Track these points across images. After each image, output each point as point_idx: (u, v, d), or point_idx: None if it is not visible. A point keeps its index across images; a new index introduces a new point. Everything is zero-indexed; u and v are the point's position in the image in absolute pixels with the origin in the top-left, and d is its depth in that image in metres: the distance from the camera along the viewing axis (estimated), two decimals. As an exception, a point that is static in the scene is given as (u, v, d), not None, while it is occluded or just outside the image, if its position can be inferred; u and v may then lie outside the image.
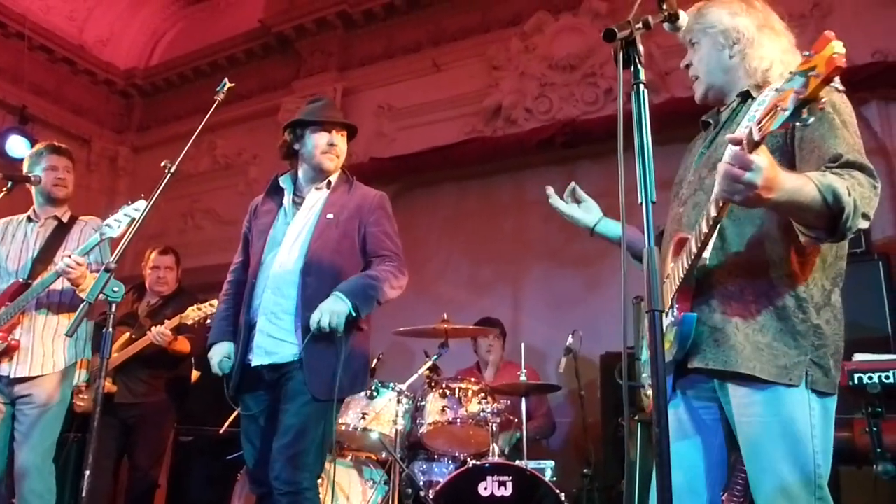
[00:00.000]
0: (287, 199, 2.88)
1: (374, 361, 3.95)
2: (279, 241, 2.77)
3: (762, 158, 1.39)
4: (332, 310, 2.55)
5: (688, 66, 1.97)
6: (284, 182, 2.93)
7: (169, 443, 4.58)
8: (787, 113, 1.27)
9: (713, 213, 1.56)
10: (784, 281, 1.68)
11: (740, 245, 1.73)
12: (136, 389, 4.02)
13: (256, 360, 2.67)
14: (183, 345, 4.05)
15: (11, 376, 3.17)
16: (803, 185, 1.48)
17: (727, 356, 1.67)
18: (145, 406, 4.03)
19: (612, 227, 2.20)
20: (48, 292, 3.24)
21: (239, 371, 2.71)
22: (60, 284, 3.23)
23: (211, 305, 3.88)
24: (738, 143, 1.40)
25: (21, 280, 3.26)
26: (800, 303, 1.67)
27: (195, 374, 4.51)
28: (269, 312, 2.68)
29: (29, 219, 3.50)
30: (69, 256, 3.07)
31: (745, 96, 1.86)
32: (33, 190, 3.51)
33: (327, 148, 2.83)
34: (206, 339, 2.93)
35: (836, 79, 1.29)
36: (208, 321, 3.91)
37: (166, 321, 3.91)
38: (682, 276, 1.71)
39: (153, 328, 3.87)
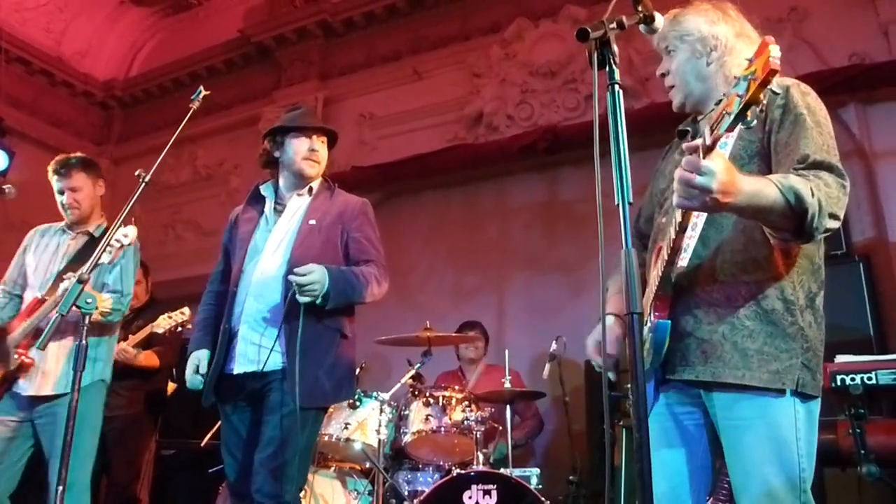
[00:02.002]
0: (269, 207, 2.84)
1: (357, 370, 3.91)
2: (260, 249, 2.72)
3: (715, 162, 1.39)
4: (322, 282, 2.50)
5: (663, 74, 1.95)
6: (266, 190, 2.89)
7: (149, 456, 4.51)
8: (732, 116, 1.29)
9: (678, 218, 1.56)
10: (771, 283, 1.67)
11: (724, 250, 1.72)
12: (112, 402, 3.95)
13: (239, 367, 2.60)
14: (150, 359, 3.99)
15: (28, 394, 3.06)
16: (763, 187, 1.48)
17: (715, 368, 1.67)
18: (122, 419, 3.95)
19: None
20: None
21: (216, 379, 2.63)
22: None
23: (182, 314, 3.83)
24: (693, 150, 1.40)
25: (39, 296, 3.14)
26: (787, 305, 1.67)
27: (171, 386, 4.46)
28: (252, 320, 2.62)
29: (64, 230, 3.35)
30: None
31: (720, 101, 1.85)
32: None
33: (308, 154, 2.80)
34: (179, 349, 2.87)
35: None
36: (180, 329, 3.87)
37: (130, 336, 3.83)
38: (656, 283, 1.71)
39: (119, 343, 3.79)
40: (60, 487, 2.20)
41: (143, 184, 2.50)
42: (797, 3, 5.08)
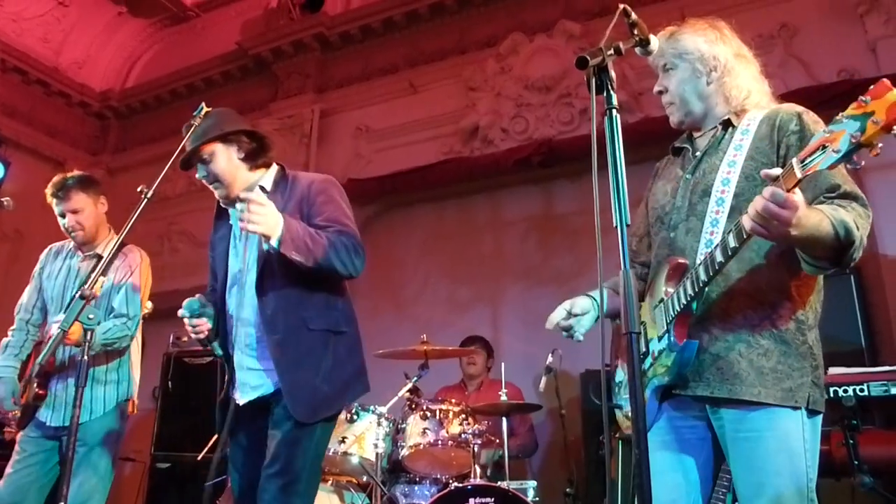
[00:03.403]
0: (234, 222, 2.60)
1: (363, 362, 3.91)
2: (234, 270, 2.55)
3: (798, 196, 1.42)
4: (275, 215, 2.22)
5: (661, 92, 1.98)
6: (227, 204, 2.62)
7: (144, 470, 4.47)
8: (839, 155, 1.29)
9: (733, 243, 1.57)
10: (785, 305, 1.73)
11: (742, 271, 1.75)
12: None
13: (243, 397, 2.47)
14: None
15: (50, 424, 3.04)
16: (821, 220, 1.52)
17: (732, 385, 1.70)
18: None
19: (606, 299, 2.04)
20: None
21: (231, 410, 2.51)
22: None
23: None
24: (774, 179, 1.43)
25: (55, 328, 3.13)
26: (799, 325, 1.73)
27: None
28: (243, 345, 2.49)
29: (72, 252, 3.29)
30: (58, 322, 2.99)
31: (727, 124, 1.90)
32: None
33: (207, 184, 2.51)
34: None
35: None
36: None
37: None
38: (684, 302, 1.71)
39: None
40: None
41: (146, 199, 2.46)
42: (787, 20, 5.16)
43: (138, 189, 2.49)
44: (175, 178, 7.91)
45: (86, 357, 2.31)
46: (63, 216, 3.19)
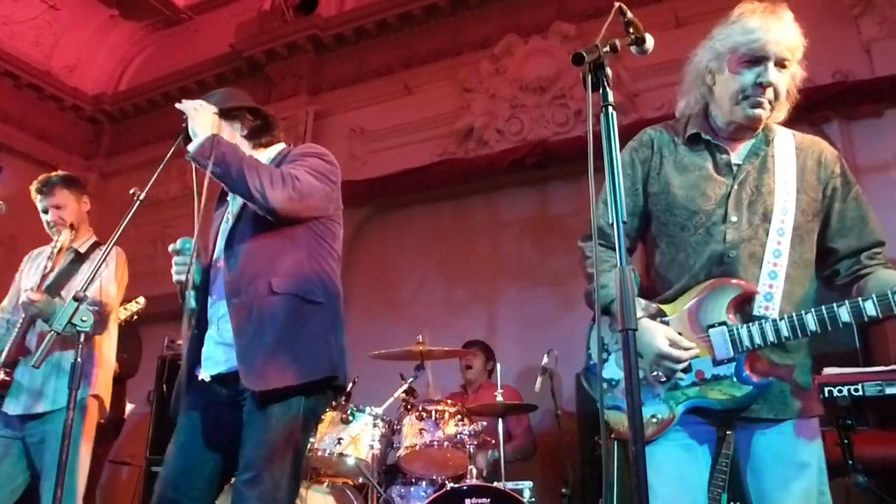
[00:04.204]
0: (232, 204, 2.49)
1: (350, 385, 3.91)
2: (220, 243, 2.40)
3: None
4: (206, 124, 2.16)
5: (766, 85, 1.79)
6: None
7: (140, 474, 4.45)
8: None
9: (846, 318, 1.64)
10: None
11: (796, 296, 1.82)
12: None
13: (206, 371, 2.25)
14: None
15: (17, 413, 3.03)
16: None
17: (790, 407, 1.80)
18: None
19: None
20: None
21: (186, 387, 2.27)
22: None
23: (136, 303, 3.81)
24: None
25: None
26: None
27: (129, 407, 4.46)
28: (217, 318, 2.28)
29: (52, 250, 3.31)
30: (28, 291, 2.98)
31: (766, 134, 1.90)
32: None
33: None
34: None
35: None
36: (135, 318, 3.83)
37: None
38: (759, 343, 1.73)
39: None
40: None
41: (138, 202, 2.44)
42: (781, 21, 5.17)
43: (131, 192, 2.45)
44: (169, 181, 7.89)
45: (79, 359, 2.28)
46: (46, 212, 3.26)
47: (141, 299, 3.86)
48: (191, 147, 2.15)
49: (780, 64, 1.79)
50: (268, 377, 2.08)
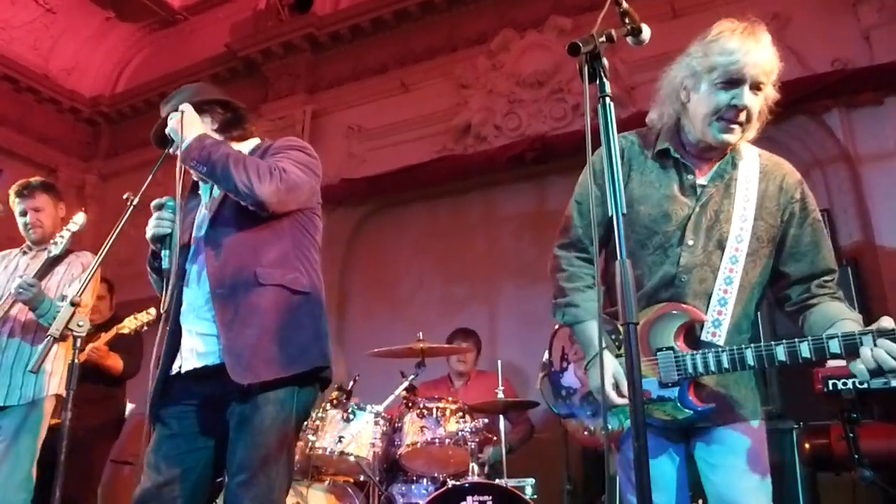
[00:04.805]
0: (205, 195, 2.46)
1: (351, 384, 3.89)
2: (199, 235, 2.34)
3: None
4: (187, 120, 2.21)
5: (741, 108, 1.78)
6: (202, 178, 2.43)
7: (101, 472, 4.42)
8: None
9: (807, 355, 1.62)
10: None
11: (743, 320, 1.85)
12: (74, 411, 3.87)
13: (185, 365, 2.18)
14: (115, 361, 4.01)
15: None
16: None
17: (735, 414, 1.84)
18: (82, 430, 3.81)
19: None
20: (14, 321, 3.18)
21: (161, 382, 2.23)
22: (26, 315, 3.17)
23: (148, 314, 3.83)
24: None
25: None
26: None
27: (129, 407, 4.46)
28: (197, 307, 2.21)
29: (24, 251, 3.48)
30: (20, 277, 3.03)
31: (733, 157, 1.88)
32: None
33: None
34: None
35: None
36: (145, 328, 3.86)
37: (102, 335, 3.89)
38: (712, 370, 1.73)
39: (88, 345, 3.76)
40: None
41: (131, 206, 2.43)
42: (780, 10, 5.13)
43: (124, 196, 2.44)
44: (167, 182, 7.82)
45: (76, 360, 2.27)
46: (24, 214, 3.41)
47: (152, 310, 3.87)
48: (179, 152, 2.19)
49: (756, 87, 1.78)
50: (256, 369, 2.03)
